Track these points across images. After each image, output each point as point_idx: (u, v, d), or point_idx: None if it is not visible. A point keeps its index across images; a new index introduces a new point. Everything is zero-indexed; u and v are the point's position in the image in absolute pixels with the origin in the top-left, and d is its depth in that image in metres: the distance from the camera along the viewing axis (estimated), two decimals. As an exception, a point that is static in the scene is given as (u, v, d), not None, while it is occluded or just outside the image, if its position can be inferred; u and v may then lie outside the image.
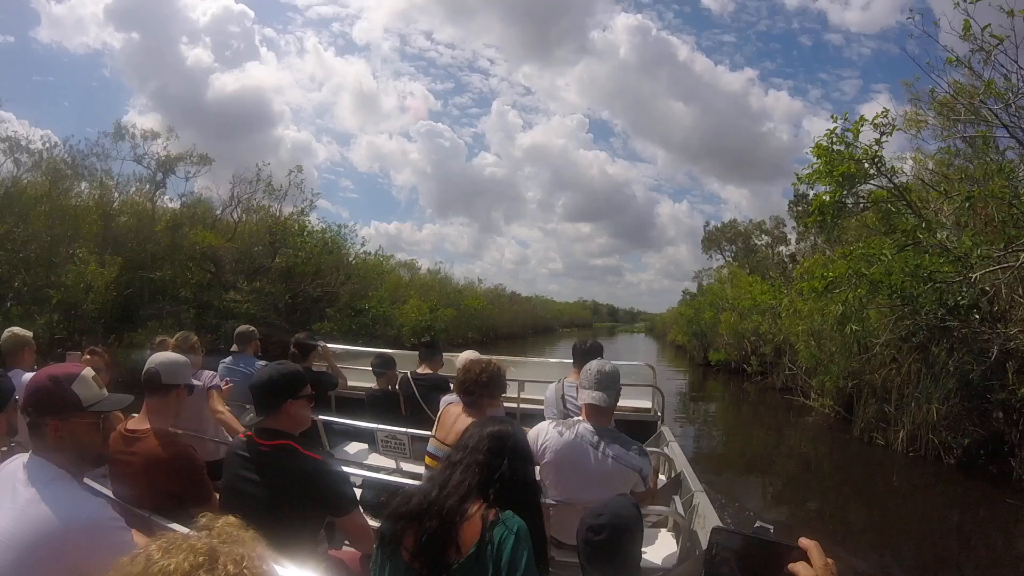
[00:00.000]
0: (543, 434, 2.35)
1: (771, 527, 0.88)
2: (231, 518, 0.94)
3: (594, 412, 2.35)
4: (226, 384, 3.35)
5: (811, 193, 10.00)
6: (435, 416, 2.91)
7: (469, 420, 2.38)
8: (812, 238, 31.18)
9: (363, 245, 24.09)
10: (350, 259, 23.44)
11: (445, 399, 2.94)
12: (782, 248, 33.03)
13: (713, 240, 33.92)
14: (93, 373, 1.55)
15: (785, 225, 32.13)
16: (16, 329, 3.31)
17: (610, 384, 2.37)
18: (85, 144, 15.99)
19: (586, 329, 78.29)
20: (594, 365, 2.42)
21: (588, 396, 2.34)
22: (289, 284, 19.74)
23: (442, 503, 1.45)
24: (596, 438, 2.30)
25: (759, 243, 31.69)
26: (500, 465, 1.58)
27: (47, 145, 15.12)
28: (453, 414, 2.67)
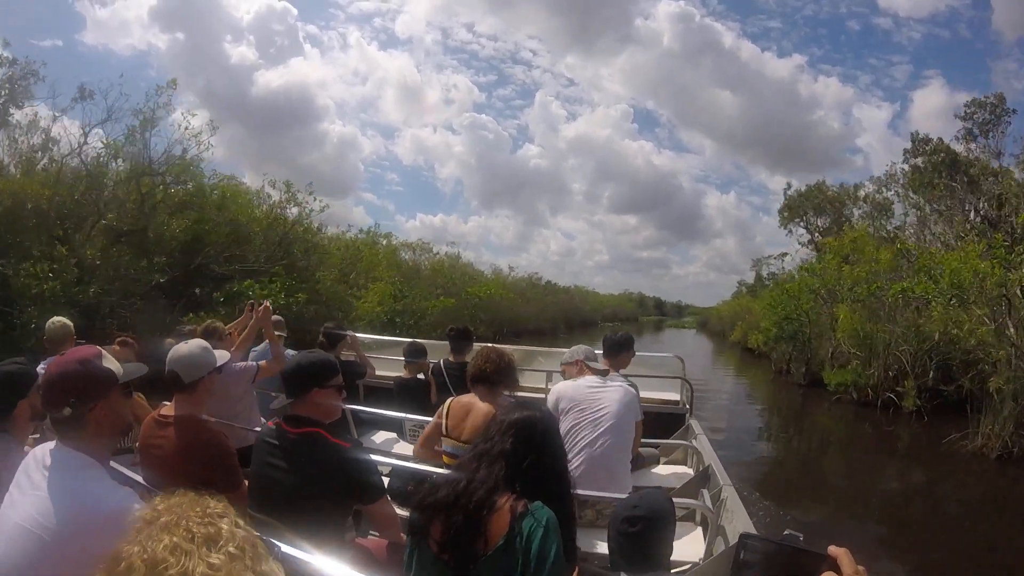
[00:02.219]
0: (553, 393, 3.31)
1: (800, 535, 0.87)
2: (164, 496, 1.02)
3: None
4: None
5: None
6: None
7: (485, 409, 2.67)
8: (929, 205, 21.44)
9: (322, 210, 19.11)
10: (307, 229, 18.83)
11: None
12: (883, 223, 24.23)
13: (795, 210, 25.37)
14: (105, 350, 1.66)
15: (889, 188, 23.20)
16: (62, 319, 3.54)
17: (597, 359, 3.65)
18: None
19: (631, 323, 71.22)
20: (587, 349, 3.62)
21: (597, 364, 3.50)
22: (185, 257, 14.88)
23: (469, 496, 1.51)
24: (600, 377, 3.32)
25: (856, 212, 23.10)
26: (528, 455, 1.61)
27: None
28: (463, 406, 2.81)
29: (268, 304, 3.76)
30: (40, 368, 2.41)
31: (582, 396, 3.10)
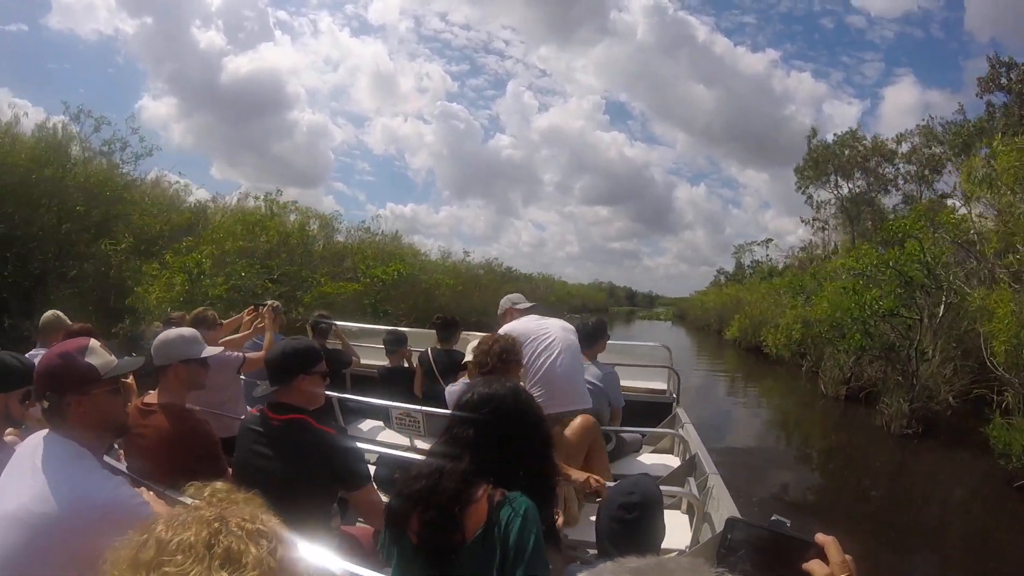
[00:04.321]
0: (508, 331, 3.19)
1: (788, 521, 0.85)
2: (219, 484, 1.01)
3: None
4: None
5: None
6: None
7: None
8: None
9: (149, 153, 14.87)
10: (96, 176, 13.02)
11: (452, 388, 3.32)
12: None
13: (821, 166, 19.29)
14: (99, 342, 1.61)
15: (941, 143, 17.71)
16: (54, 310, 3.50)
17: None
18: None
19: (600, 314, 63.41)
20: (515, 295, 3.68)
21: (523, 305, 3.56)
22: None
23: (441, 491, 1.48)
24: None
25: (901, 170, 17.46)
26: (494, 439, 1.54)
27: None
28: None
29: (275, 304, 3.87)
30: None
31: (533, 328, 3.26)
